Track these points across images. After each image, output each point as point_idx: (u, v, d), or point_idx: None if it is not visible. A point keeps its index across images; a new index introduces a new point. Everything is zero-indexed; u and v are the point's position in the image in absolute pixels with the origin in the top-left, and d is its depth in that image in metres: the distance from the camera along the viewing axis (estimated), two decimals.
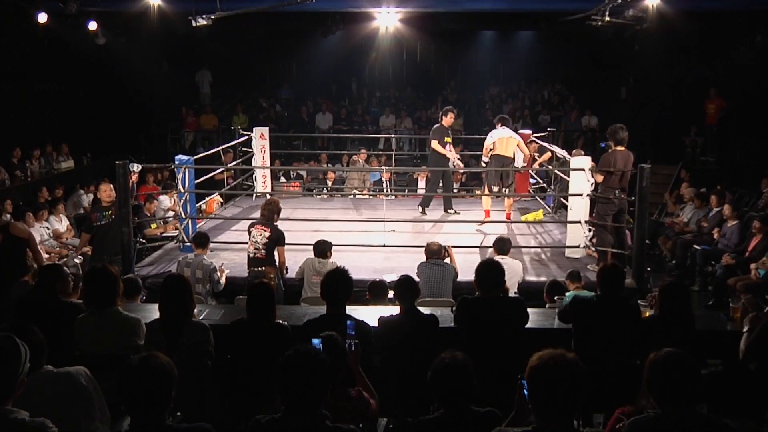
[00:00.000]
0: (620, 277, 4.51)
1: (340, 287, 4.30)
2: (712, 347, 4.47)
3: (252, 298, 4.17)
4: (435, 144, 9.67)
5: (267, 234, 6.59)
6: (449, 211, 10.16)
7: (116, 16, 12.67)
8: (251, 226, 6.76)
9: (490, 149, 9.19)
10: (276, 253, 6.62)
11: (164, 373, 2.58)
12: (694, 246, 9.54)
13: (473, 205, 11.45)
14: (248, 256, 6.67)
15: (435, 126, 9.92)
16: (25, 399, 2.67)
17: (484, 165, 9.18)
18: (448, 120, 9.79)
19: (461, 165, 10.11)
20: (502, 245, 6.65)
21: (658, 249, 10.61)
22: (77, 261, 7.94)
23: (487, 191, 9.34)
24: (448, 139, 9.82)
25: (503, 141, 9.31)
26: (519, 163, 10.36)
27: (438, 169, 9.96)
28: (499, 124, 9.60)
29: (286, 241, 6.76)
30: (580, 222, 7.98)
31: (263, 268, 6.49)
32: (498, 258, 6.24)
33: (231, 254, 8.06)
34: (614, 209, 7.52)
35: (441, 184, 10.39)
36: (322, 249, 6.58)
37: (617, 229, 7.65)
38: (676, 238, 10.11)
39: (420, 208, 10.10)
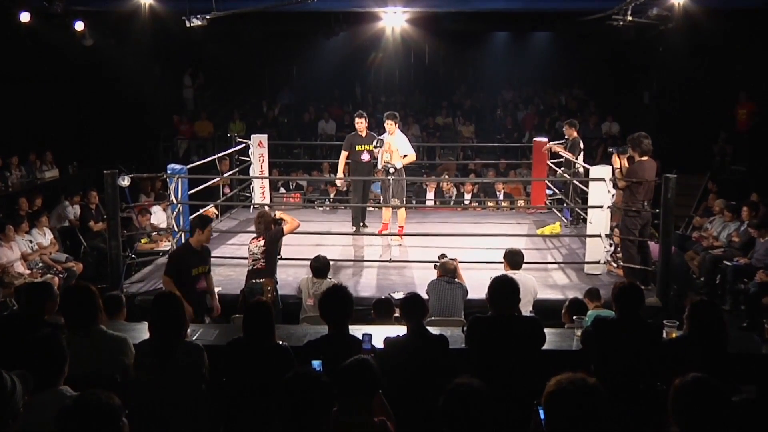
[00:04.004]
0: (637, 297, 4.48)
1: (338, 307, 4.30)
2: (746, 371, 4.44)
3: (249, 317, 4.17)
4: (342, 154, 9.88)
5: (261, 242, 6.61)
6: (361, 224, 10.04)
7: (105, 16, 12.68)
8: (250, 243, 6.80)
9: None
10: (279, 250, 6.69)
11: (105, 414, 2.43)
12: (725, 262, 9.49)
13: (485, 217, 11.46)
14: (248, 271, 6.68)
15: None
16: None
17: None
18: (359, 127, 9.83)
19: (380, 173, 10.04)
20: (514, 258, 6.63)
21: (685, 265, 10.56)
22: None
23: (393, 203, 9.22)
24: (365, 147, 9.77)
25: None
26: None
27: (354, 179, 10.04)
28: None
29: (286, 257, 6.77)
30: (600, 236, 7.96)
31: (261, 279, 6.48)
32: (510, 273, 6.23)
33: (227, 270, 8.07)
34: (641, 222, 7.53)
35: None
36: (318, 268, 6.51)
37: (641, 244, 7.64)
38: (705, 253, 10.06)
39: (354, 228, 10.01)
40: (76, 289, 4.19)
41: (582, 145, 10.36)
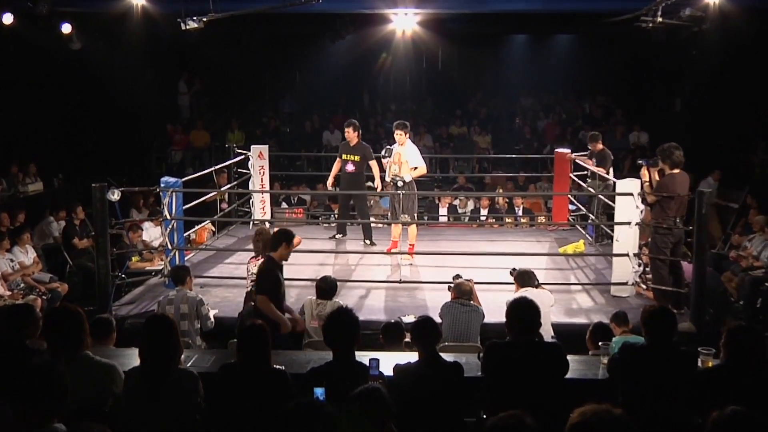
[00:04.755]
0: (669, 321, 4.46)
1: (343, 331, 4.30)
2: None
3: (243, 340, 4.19)
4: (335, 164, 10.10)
5: (260, 262, 6.61)
6: (366, 241, 10.17)
7: (93, 18, 12.71)
8: (248, 263, 6.81)
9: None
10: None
11: None
12: (766, 284, 9.43)
13: (503, 235, 11.45)
14: (246, 292, 6.68)
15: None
16: None
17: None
18: (347, 135, 10.18)
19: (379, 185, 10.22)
20: (524, 278, 6.63)
21: (721, 287, 10.50)
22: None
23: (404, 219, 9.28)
24: (351, 157, 10.02)
25: None
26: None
27: (345, 192, 10.25)
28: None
29: (288, 277, 6.76)
30: (627, 255, 7.93)
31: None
32: (522, 291, 6.22)
33: (224, 291, 8.08)
34: (673, 241, 7.51)
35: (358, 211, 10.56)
36: (325, 289, 6.51)
37: (673, 264, 7.61)
38: (744, 274, 10.00)
39: (339, 235, 10.43)
40: (61, 311, 4.20)
41: (612, 158, 10.38)
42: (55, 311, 4.26)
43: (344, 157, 10.11)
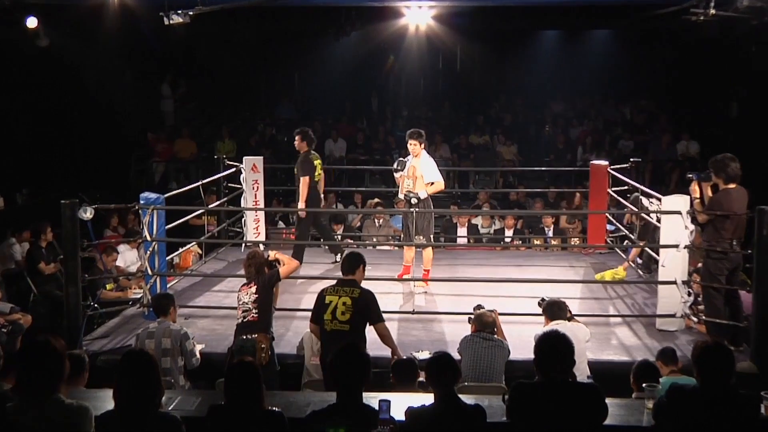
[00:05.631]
0: (725, 360, 4.43)
1: (351, 369, 4.28)
2: None
3: (231, 380, 4.19)
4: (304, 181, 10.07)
5: (254, 289, 6.60)
6: (337, 258, 10.36)
7: (64, 11, 12.66)
8: (239, 291, 6.80)
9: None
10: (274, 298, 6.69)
11: None
12: None
13: (531, 259, 11.41)
14: (236, 325, 6.66)
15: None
16: None
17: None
18: (296, 145, 10.30)
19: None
20: (554, 310, 6.59)
21: None
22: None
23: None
24: (295, 170, 10.18)
25: None
26: None
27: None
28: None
29: (284, 307, 6.76)
30: (675, 283, 7.89)
31: (253, 335, 6.46)
32: (553, 325, 6.19)
33: (212, 323, 8.07)
34: (729, 266, 7.46)
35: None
36: None
37: (729, 293, 7.56)
38: None
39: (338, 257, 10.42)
40: (39, 347, 4.16)
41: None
42: (34, 345, 4.20)
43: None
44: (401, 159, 9.53)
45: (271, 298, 6.67)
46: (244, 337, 6.48)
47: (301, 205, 10.09)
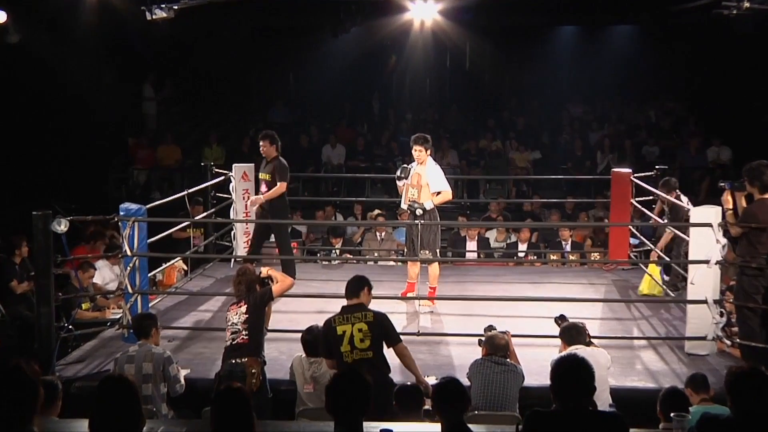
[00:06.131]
0: (761, 387, 4.40)
1: (352, 396, 4.26)
2: None
3: (219, 408, 4.17)
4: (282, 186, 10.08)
5: (243, 308, 6.58)
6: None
7: (36, 5, 12.73)
8: (228, 311, 6.78)
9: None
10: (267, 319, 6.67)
11: None
12: None
13: (547, 276, 11.39)
14: (224, 348, 6.65)
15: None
16: None
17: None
18: (262, 150, 10.26)
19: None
20: (572, 334, 6.57)
21: None
22: None
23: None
24: (263, 176, 10.15)
25: None
26: None
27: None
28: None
29: (277, 328, 6.74)
30: (706, 302, 7.86)
31: (243, 359, 6.44)
32: (571, 350, 6.16)
33: (198, 346, 8.06)
34: (765, 284, 7.44)
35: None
36: (312, 342, 6.47)
37: (766, 314, 7.53)
38: None
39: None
40: (10, 374, 4.13)
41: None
42: (3, 371, 4.17)
43: (260, 175, 10.28)
44: (405, 166, 9.52)
45: (262, 318, 6.66)
46: (233, 361, 6.47)
47: (259, 197, 10.12)
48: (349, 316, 6.31)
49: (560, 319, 6.81)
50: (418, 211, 9.04)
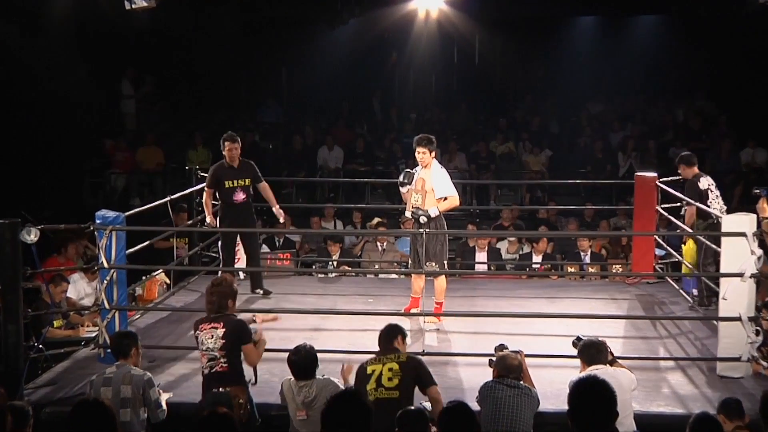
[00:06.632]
0: None
1: (351, 422, 4.24)
2: None
3: None
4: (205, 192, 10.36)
5: (221, 332, 6.50)
6: (257, 291, 10.47)
7: None
8: (195, 328, 6.67)
9: None
10: (243, 357, 6.55)
11: None
12: None
13: (564, 290, 11.38)
14: (202, 375, 6.58)
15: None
16: None
17: None
18: (226, 153, 10.35)
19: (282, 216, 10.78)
20: (591, 353, 6.55)
21: None
22: None
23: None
24: (240, 182, 10.27)
25: None
26: None
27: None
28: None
29: (270, 347, 6.72)
30: (740, 319, 7.84)
31: (227, 388, 6.40)
32: (591, 370, 6.14)
33: (181, 367, 8.03)
34: None
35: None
36: (300, 364, 6.39)
37: None
38: None
39: (259, 291, 10.55)
40: None
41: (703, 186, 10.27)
42: None
43: (228, 184, 10.29)
44: (408, 171, 9.51)
45: (239, 347, 6.54)
46: (216, 390, 6.41)
47: (279, 209, 10.48)
48: (382, 357, 6.39)
49: (578, 341, 6.78)
50: (423, 219, 9.03)
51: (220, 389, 6.40)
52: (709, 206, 9.98)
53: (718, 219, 9.15)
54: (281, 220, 10.87)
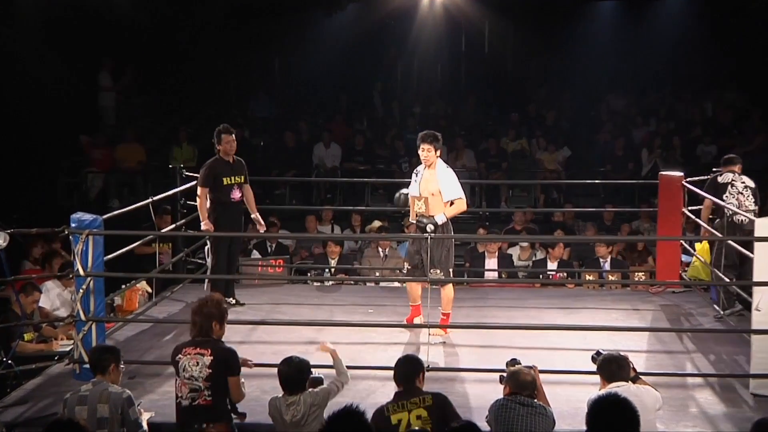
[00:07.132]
0: None
1: None
2: None
3: None
4: (200, 192, 10.39)
5: (208, 360, 6.44)
6: (229, 301, 10.24)
7: None
8: (177, 352, 6.62)
9: None
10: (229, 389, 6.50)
11: None
12: None
13: (581, 299, 11.37)
14: (178, 406, 6.54)
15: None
16: None
17: None
18: (223, 147, 10.49)
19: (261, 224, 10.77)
20: (612, 368, 6.54)
21: None
22: None
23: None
24: (236, 179, 10.36)
25: None
26: None
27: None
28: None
29: (261, 362, 6.72)
30: None
31: (211, 425, 6.37)
32: (612, 387, 6.14)
33: (164, 383, 8.02)
34: None
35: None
36: (290, 375, 6.39)
37: None
38: None
39: (232, 300, 10.47)
40: None
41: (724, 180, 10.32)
42: None
43: (225, 181, 10.35)
44: (402, 192, 9.53)
45: (226, 378, 6.49)
46: (197, 427, 6.29)
47: (257, 215, 10.57)
48: (404, 402, 6.22)
49: (597, 355, 6.77)
50: (429, 228, 8.96)
51: (204, 426, 6.34)
52: (724, 200, 10.00)
53: (733, 216, 9.22)
54: (260, 230, 10.84)
